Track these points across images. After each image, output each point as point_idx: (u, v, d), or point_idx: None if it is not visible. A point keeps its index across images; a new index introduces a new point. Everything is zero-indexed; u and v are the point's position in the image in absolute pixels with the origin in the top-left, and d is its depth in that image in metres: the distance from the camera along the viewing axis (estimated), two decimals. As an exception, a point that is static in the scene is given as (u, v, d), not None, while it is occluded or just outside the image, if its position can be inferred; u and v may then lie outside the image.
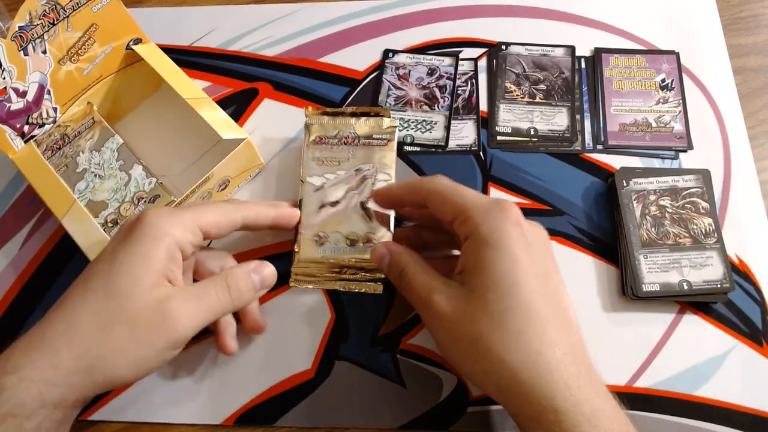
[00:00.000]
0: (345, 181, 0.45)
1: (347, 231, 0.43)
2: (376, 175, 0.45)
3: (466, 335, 0.32)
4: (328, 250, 0.43)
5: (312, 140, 0.46)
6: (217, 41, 0.57)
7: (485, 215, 0.34)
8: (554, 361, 0.31)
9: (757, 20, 0.55)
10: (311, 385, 0.43)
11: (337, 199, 0.44)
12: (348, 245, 0.43)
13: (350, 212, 0.44)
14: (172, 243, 0.35)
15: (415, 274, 0.36)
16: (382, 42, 0.56)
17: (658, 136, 0.50)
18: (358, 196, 0.44)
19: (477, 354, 0.32)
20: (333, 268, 0.44)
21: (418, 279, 0.36)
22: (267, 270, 0.39)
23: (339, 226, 0.44)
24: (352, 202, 0.44)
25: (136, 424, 0.42)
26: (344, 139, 0.46)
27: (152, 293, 0.33)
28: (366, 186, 0.45)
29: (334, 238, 0.43)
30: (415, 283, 0.36)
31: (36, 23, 0.43)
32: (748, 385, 0.41)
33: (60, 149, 0.48)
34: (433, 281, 0.35)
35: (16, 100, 0.45)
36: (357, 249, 0.43)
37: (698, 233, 0.44)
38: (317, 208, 0.44)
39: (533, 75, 0.54)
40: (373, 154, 0.46)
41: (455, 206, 0.35)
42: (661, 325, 0.43)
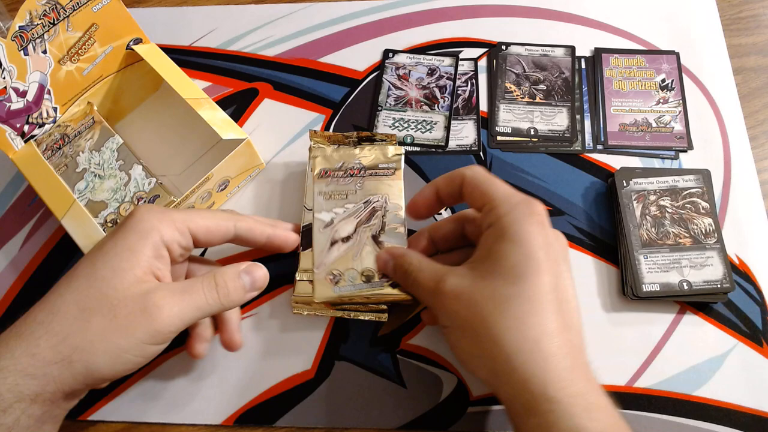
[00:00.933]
0: (354, 214, 0.43)
1: (362, 267, 0.42)
2: (386, 206, 0.44)
3: (469, 317, 0.33)
4: (344, 289, 0.41)
5: (317, 174, 0.45)
6: (217, 41, 0.57)
7: (511, 208, 0.34)
8: (550, 351, 0.31)
9: (757, 20, 0.55)
10: (311, 385, 0.43)
11: (348, 234, 0.43)
12: (364, 282, 0.41)
13: (363, 247, 0.42)
14: (158, 240, 0.34)
15: (420, 269, 0.37)
16: (382, 42, 0.56)
17: (658, 136, 0.50)
18: (369, 229, 0.43)
19: (477, 336, 0.32)
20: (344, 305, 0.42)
21: (425, 271, 0.36)
22: (258, 272, 0.38)
23: (352, 262, 0.42)
24: (364, 237, 0.42)
25: (136, 424, 0.42)
26: (350, 171, 0.45)
27: (136, 286, 0.33)
28: (376, 218, 0.43)
29: (350, 276, 0.41)
30: (422, 276, 0.36)
31: (36, 23, 0.43)
32: (748, 385, 0.41)
33: (60, 149, 0.48)
34: (439, 269, 0.36)
35: (16, 99, 0.45)
36: (373, 284, 0.41)
37: (698, 233, 0.44)
38: (329, 245, 0.42)
39: (533, 75, 0.54)
40: (381, 184, 0.44)
41: (486, 195, 0.35)
42: (661, 325, 0.43)
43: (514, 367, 0.31)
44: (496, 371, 0.32)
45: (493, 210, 0.34)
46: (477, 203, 0.36)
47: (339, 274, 0.42)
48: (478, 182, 0.36)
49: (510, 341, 0.31)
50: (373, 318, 0.42)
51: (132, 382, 0.43)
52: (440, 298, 0.34)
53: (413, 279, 0.37)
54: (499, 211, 0.34)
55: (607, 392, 0.32)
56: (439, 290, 0.34)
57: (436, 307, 0.35)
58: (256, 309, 0.45)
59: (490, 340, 0.32)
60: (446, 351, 0.43)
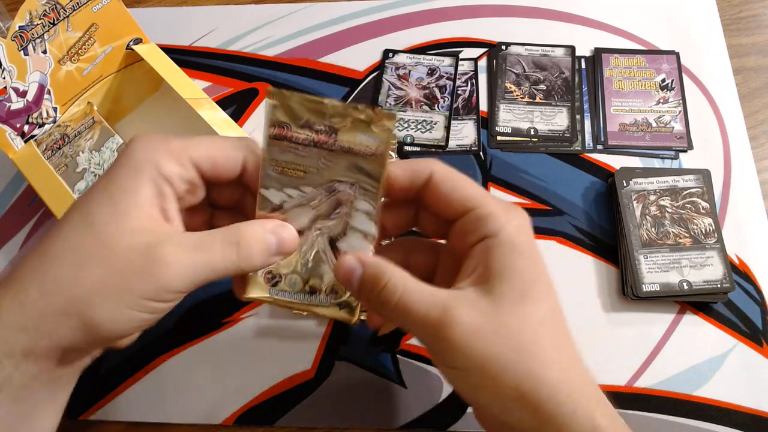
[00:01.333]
0: (312, 203, 0.31)
1: (308, 274, 0.32)
2: (356, 200, 0.31)
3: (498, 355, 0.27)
4: (281, 294, 0.33)
5: (272, 133, 0.30)
6: (217, 41, 0.57)
7: (509, 216, 0.29)
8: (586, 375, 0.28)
9: (757, 20, 0.55)
10: (311, 385, 0.43)
11: (300, 228, 0.31)
12: (307, 293, 0.33)
13: (313, 250, 0.32)
14: (155, 174, 0.28)
15: (409, 293, 0.28)
16: (382, 42, 0.56)
17: (658, 136, 0.50)
18: (327, 229, 0.32)
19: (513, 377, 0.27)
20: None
21: (417, 297, 0.28)
22: (286, 232, 0.31)
23: (298, 265, 0.32)
24: (319, 238, 0.32)
25: (136, 424, 0.42)
26: (315, 137, 0.30)
27: (139, 234, 0.27)
28: (338, 215, 0.31)
29: (291, 281, 0.33)
30: (415, 305, 0.28)
31: (36, 23, 0.43)
32: (748, 385, 0.41)
33: (60, 149, 0.48)
34: (438, 295, 0.28)
35: (16, 99, 0.45)
36: (317, 299, 0.33)
37: (698, 233, 0.44)
38: None
39: (533, 75, 0.54)
40: (356, 165, 0.31)
41: (469, 199, 0.30)
42: (661, 325, 0.43)
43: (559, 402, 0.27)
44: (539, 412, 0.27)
45: (487, 218, 0.29)
46: (452, 208, 0.30)
47: (278, 276, 0.33)
48: (455, 182, 0.30)
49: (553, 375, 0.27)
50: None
51: (132, 382, 0.43)
52: (449, 335, 0.27)
53: (401, 308, 0.28)
54: (499, 219, 0.29)
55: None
56: (447, 324, 0.27)
57: (441, 345, 0.28)
58: (256, 309, 0.45)
59: (531, 379, 0.27)
60: (446, 351, 0.43)
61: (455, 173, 0.31)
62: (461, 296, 0.28)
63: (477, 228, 0.29)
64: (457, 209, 0.30)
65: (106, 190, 0.28)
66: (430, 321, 0.28)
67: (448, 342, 0.27)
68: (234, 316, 0.45)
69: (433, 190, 0.30)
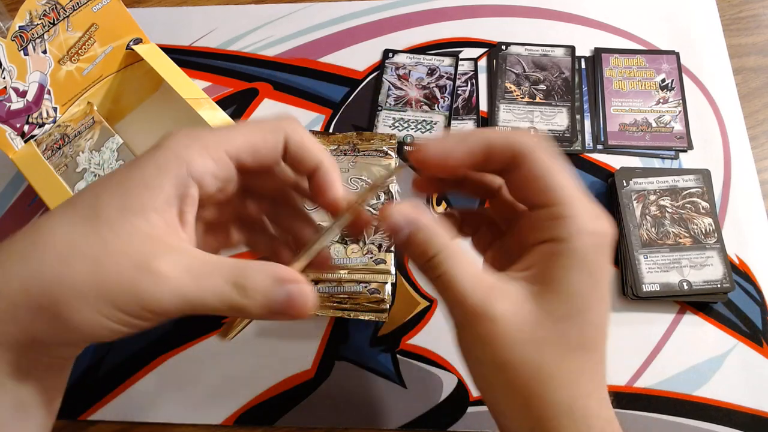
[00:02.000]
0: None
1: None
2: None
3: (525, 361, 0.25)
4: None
5: None
6: (217, 41, 0.57)
7: (593, 228, 0.26)
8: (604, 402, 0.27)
9: (757, 20, 0.55)
10: (311, 385, 0.43)
11: None
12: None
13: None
14: (183, 173, 0.25)
15: (458, 265, 0.26)
16: (382, 42, 0.56)
17: (658, 136, 0.50)
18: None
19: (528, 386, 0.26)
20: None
21: (466, 275, 0.26)
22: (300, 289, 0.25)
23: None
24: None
25: (136, 424, 0.42)
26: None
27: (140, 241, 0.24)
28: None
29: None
30: (462, 283, 0.26)
31: (36, 23, 0.43)
32: (748, 385, 0.41)
33: (60, 149, 0.48)
34: (485, 280, 0.26)
35: (16, 99, 0.45)
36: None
37: (698, 233, 0.44)
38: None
39: (533, 75, 0.54)
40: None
41: (551, 193, 0.26)
42: (661, 325, 0.43)
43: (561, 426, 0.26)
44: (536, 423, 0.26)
45: (566, 221, 0.26)
46: (532, 196, 0.27)
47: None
48: (543, 169, 0.26)
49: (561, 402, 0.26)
50: (373, 318, 0.42)
51: (132, 382, 0.43)
52: (483, 328, 0.26)
53: (447, 280, 0.26)
54: (573, 226, 0.26)
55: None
56: (487, 315, 0.25)
57: (471, 333, 0.26)
58: (256, 309, 0.45)
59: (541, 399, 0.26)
60: (446, 351, 0.43)
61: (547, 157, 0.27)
62: (508, 289, 0.26)
63: (549, 228, 0.26)
64: (538, 198, 0.27)
65: (123, 183, 0.25)
66: (468, 306, 0.26)
67: (479, 335, 0.26)
68: (234, 316, 0.45)
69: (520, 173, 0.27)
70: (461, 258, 0.26)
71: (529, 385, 0.26)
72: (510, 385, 0.26)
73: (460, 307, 0.26)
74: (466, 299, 0.26)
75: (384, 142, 0.48)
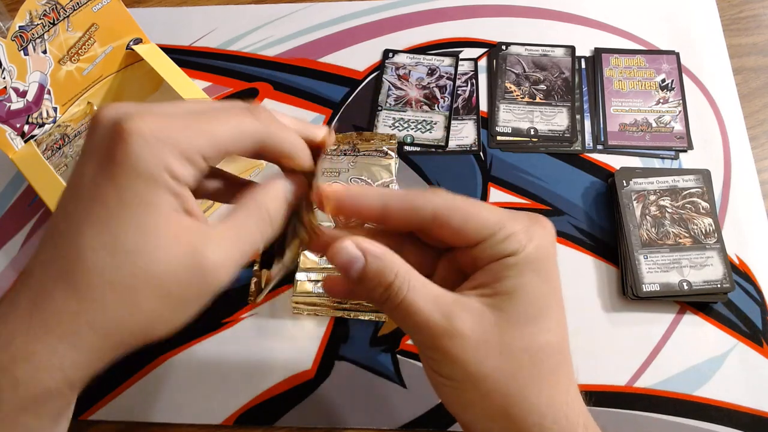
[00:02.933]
0: None
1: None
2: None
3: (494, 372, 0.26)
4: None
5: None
6: (217, 41, 0.57)
7: (531, 235, 0.27)
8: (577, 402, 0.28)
9: (757, 20, 0.55)
10: (311, 385, 0.43)
11: None
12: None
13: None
14: (170, 181, 0.25)
15: (414, 288, 0.27)
16: (382, 42, 0.56)
17: (658, 136, 0.50)
18: None
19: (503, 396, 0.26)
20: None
21: (422, 296, 0.27)
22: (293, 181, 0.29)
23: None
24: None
25: (136, 424, 0.42)
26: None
27: (177, 244, 0.25)
28: None
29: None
30: (418, 302, 0.26)
31: (36, 23, 0.43)
32: (748, 385, 0.41)
33: (60, 149, 0.48)
34: (444, 298, 0.27)
35: (16, 99, 0.45)
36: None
37: (698, 233, 0.44)
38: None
39: (533, 75, 0.54)
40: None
41: (485, 227, 0.27)
42: (661, 325, 0.43)
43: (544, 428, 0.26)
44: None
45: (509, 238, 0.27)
46: (469, 237, 0.28)
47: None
48: (467, 213, 0.28)
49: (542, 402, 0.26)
50: (373, 318, 0.42)
51: (132, 382, 0.43)
52: (449, 346, 0.26)
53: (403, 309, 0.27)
54: (519, 238, 0.27)
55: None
56: (449, 334, 0.26)
57: (438, 354, 0.27)
58: (256, 309, 0.45)
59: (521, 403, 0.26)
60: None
61: (464, 202, 0.28)
62: (467, 305, 0.27)
63: (496, 251, 0.27)
64: (473, 239, 0.28)
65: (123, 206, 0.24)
66: (431, 328, 0.26)
67: (446, 352, 0.26)
68: (234, 316, 0.45)
69: (442, 224, 0.28)
70: (417, 279, 0.27)
71: (507, 394, 0.26)
72: (486, 399, 0.26)
73: (424, 331, 0.26)
74: (429, 321, 0.26)
75: (384, 142, 0.48)
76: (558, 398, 0.27)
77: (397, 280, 0.27)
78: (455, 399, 0.28)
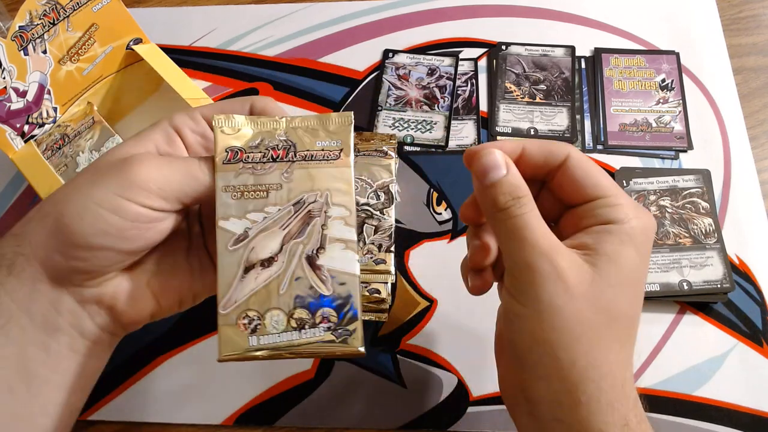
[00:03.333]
0: (280, 223, 0.29)
1: (292, 306, 0.28)
2: (327, 207, 0.29)
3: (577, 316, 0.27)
4: (265, 339, 0.28)
5: (222, 158, 0.29)
6: (217, 41, 0.57)
7: (639, 214, 0.29)
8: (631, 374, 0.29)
9: (757, 20, 0.55)
10: (311, 385, 0.43)
11: (271, 254, 0.29)
12: (295, 329, 0.28)
13: (292, 273, 0.29)
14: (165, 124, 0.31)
15: (535, 214, 0.28)
16: (382, 42, 0.56)
17: (658, 136, 0.50)
18: (302, 246, 0.29)
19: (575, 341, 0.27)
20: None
21: (538, 222, 0.28)
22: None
23: (278, 299, 0.28)
24: (294, 258, 0.29)
25: (136, 424, 0.42)
26: (272, 152, 0.30)
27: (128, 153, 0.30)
28: (314, 228, 0.29)
29: (273, 319, 0.28)
30: (533, 222, 0.28)
31: (36, 23, 0.43)
32: (748, 385, 0.41)
33: (60, 149, 0.48)
34: (554, 237, 0.28)
35: (16, 99, 0.45)
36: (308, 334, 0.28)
37: (698, 233, 0.44)
38: (241, 273, 0.28)
39: (533, 75, 0.54)
40: (319, 174, 0.30)
41: (601, 187, 0.29)
42: (661, 325, 0.43)
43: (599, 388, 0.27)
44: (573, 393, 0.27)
45: (617, 207, 0.29)
46: (582, 192, 0.30)
47: (257, 316, 0.28)
48: (590, 169, 0.30)
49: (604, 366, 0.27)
50: (373, 318, 0.42)
51: (132, 382, 0.43)
52: (549, 266, 0.27)
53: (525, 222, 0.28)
54: (626, 211, 0.29)
55: None
56: (554, 264, 0.27)
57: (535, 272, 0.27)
58: (256, 309, 0.45)
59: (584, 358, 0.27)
60: (446, 351, 0.43)
61: (590, 162, 0.30)
62: (570, 254, 0.28)
63: (602, 214, 0.29)
64: (586, 195, 0.30)
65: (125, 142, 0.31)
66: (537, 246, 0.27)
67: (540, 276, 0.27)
68: (234, 316, 0.45)
69: (567, 173, 0.30)
70: (538, 211, 0.29)
71: (578, 339, 0.27)
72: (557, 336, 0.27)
73: (528, 248, 0.27)
74: (538, 241, 0.27)
75: (384, 142, 0.48)
76: (619, 369, 0.28)
77: (525, 199, 0.28)
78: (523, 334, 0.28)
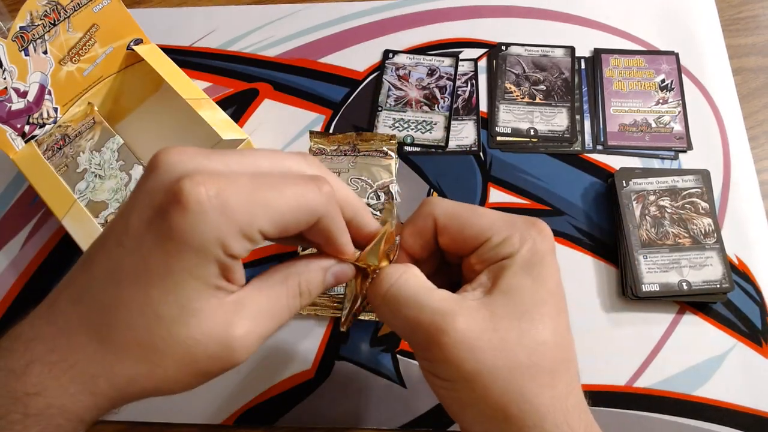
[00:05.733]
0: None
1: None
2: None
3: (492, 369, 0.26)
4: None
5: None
6: (217, 42, 0.57)
7: (524, 237, 0.28)
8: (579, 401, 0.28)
9: (757, 20, 0.55)
10: (311, 385, 0.43)
11: None
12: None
13: None
14: (222, 256, 0.24)
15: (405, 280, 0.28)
16: (382, 42, 0.56)
17: (658, 136, 0.50)
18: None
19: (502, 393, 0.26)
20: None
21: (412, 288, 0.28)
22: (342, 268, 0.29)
23: None
24: None
25: (136, 424, 0.42)
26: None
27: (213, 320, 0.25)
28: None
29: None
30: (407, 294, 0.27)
31: (37, 23, 0.43)
32: (748, 385, 0.41)
33: (60, 149, 0.48)
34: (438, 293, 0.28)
35: (16, 100, 0.45)
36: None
37: (698, 233, 0.44)
38: None
39: (533, 75, 0.54)
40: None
41: (480, 232, 0.29)
42: (661, 325, 0.43)
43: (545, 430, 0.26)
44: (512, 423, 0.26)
45: (504, 242, 0.28)
46: (468, 244, 0.29)
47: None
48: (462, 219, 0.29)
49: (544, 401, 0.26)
50: (373, 318, 0.42)
51: (132, 382, 0.43)
52: (442, 341, 0.26)
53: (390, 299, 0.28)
54: (513, 241, 0.28)
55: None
56: (447, 331, 0.26)
57: (432, 352, 0.27)
58: (256, 309, 0.45)
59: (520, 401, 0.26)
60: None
61: (460, 208, 0.30)
62: (461, 302, 0.27)
63: (493, 256, 0.28)
64: (471, 244, 0.29)
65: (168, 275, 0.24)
66: (423, 322, 0.26)
67: (440, 349, 0.26)
68: (234, 316, 0.45)
69: (444, 234, 0.30)
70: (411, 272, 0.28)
71: (505, 392, 0.26)
72: (484, 398, 0.26)
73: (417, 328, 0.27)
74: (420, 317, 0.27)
75: (384, 143, 0.48)
76: (559, 401, 0.26)
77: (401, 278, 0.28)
78: (453, 401, 0.28)
